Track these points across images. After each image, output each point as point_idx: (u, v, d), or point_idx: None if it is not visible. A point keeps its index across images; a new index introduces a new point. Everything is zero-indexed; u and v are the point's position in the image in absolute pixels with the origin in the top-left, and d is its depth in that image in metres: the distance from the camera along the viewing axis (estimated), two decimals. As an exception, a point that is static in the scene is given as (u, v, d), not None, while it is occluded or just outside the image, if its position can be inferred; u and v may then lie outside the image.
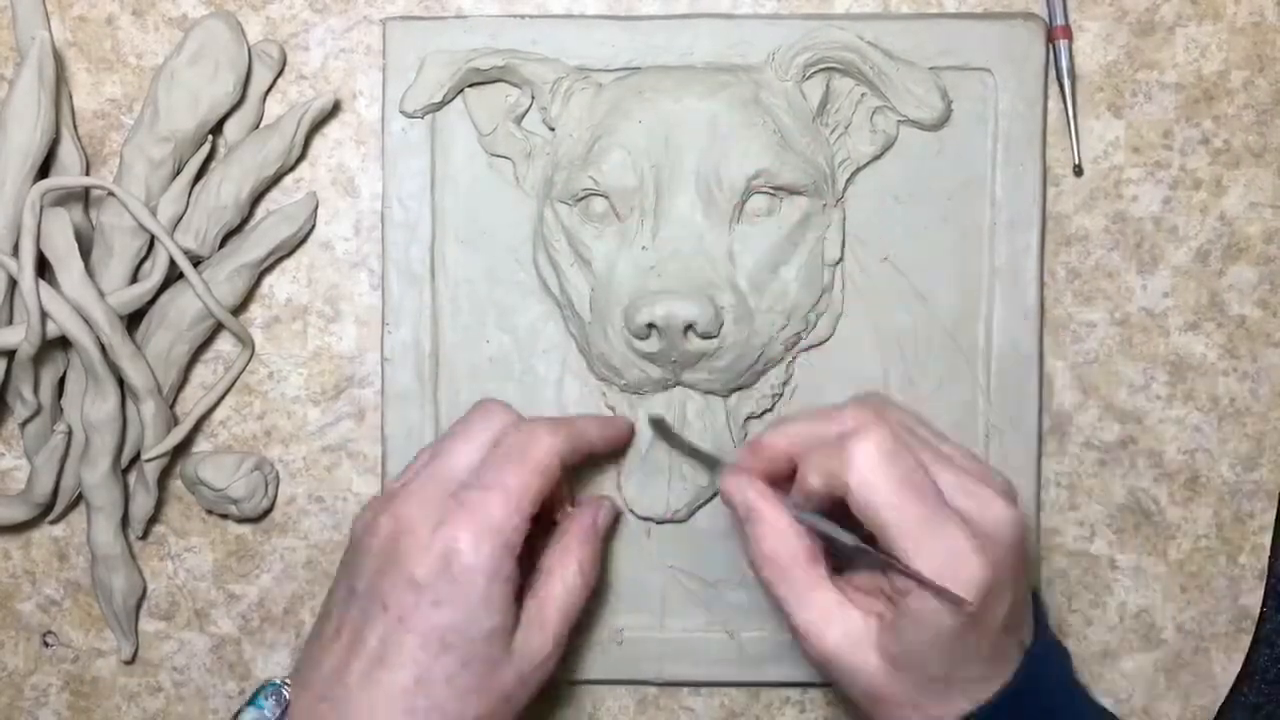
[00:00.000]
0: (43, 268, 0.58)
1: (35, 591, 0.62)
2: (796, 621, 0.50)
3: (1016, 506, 0.50)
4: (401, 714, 0.49)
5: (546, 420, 0.54)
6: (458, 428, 0.54)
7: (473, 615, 0.49)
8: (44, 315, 0.55)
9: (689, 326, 0.54)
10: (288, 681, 0.53)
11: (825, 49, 0.57)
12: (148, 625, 0.62)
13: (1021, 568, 0.50)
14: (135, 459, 0.60)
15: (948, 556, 0.47)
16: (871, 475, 0.48)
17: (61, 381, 0.60)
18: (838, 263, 0.59)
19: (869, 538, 0.49)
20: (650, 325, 0.54)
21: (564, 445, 0.52)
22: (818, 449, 0.50)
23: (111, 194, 0.56)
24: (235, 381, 0.61)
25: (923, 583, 0.47)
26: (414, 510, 0.51)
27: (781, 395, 0.59)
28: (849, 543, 0.50)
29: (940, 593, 0.47)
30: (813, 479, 0.50)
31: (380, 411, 0.60)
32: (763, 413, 0.59)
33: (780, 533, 0.51)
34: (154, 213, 0.58)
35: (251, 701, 0.53)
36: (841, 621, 0.50)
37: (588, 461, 0.57)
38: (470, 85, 0.59)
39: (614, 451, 0.58)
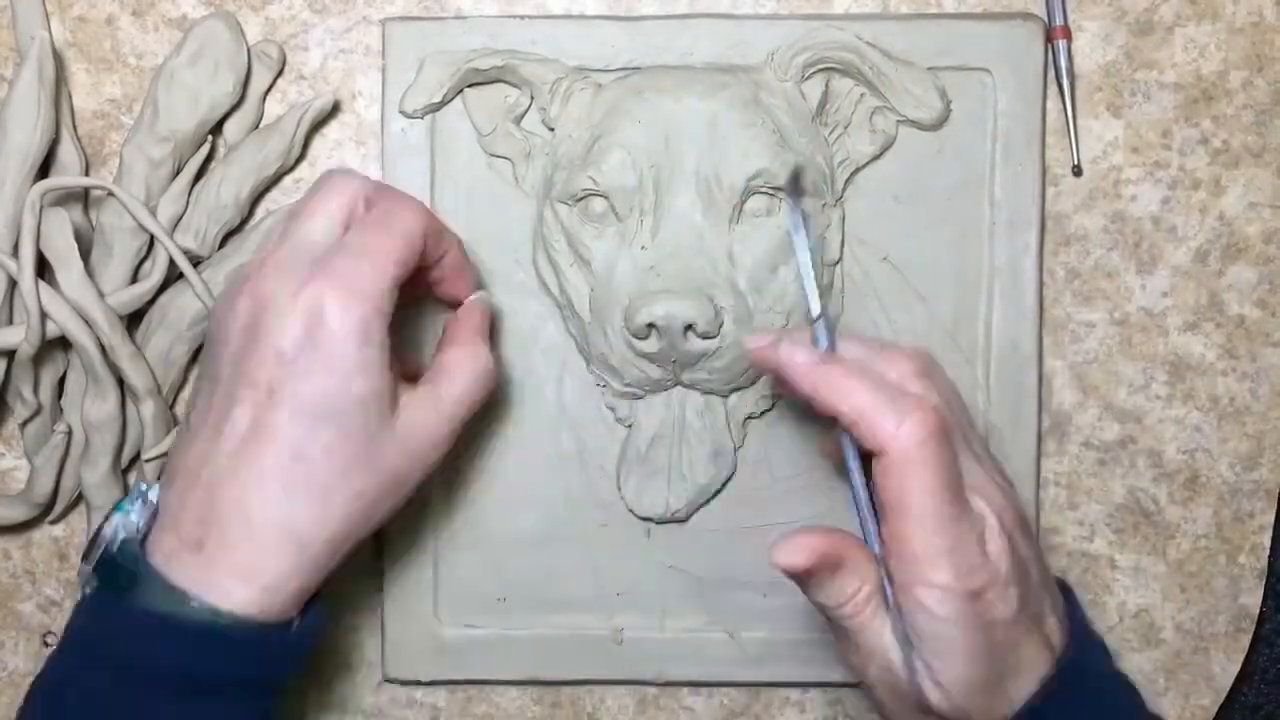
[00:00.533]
0: (42, 268, 0.58)
1: (35, 591, 0.62)
2: (862, 647, 0.49)
3: (1018, 497, 0.50)
4: (278, 490, 0.47)
5: (406, 194, 0.52)
6: (309, 199, 0.51)
7: (346, 382, 0.47)
8: (44, 315, 0.55)
9: (689, 326, 0.54)
10: (144, 486, 0.50)
11: (824, 49, 0.57)
12: (148, 625, 0.62)
13: (1030, 561, 0.49)
14: (135, 459, 0.60)
15: (960, 563, 0.46)
16: (919, 455, 0.46)
17: (61, 381, 0.60)
18: (837, 262, 0.59)
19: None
20: (650, 325, 0.55)
21: (428, 221, 0.51)
22: (870, 404, 0.46)
23: (111, 194, 0.56)
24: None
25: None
26: (273, 284, 0.48)
27: (781, 395, 0.59)
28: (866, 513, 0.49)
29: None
30: (858, 427, 0.47)
31: (380, 411, 0.60)
32: (762, 412, 0.59)
33: (866, 573, 0.49)
34: (154, 213, 0.58)
35: (117, 507, 0.49)
36: (894, 652, 0.48)
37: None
38: (470, 85, 0.59)
39: (447, 278, 0.54)
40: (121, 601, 0.47)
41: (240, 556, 0.47)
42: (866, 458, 0.48)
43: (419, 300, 0.56)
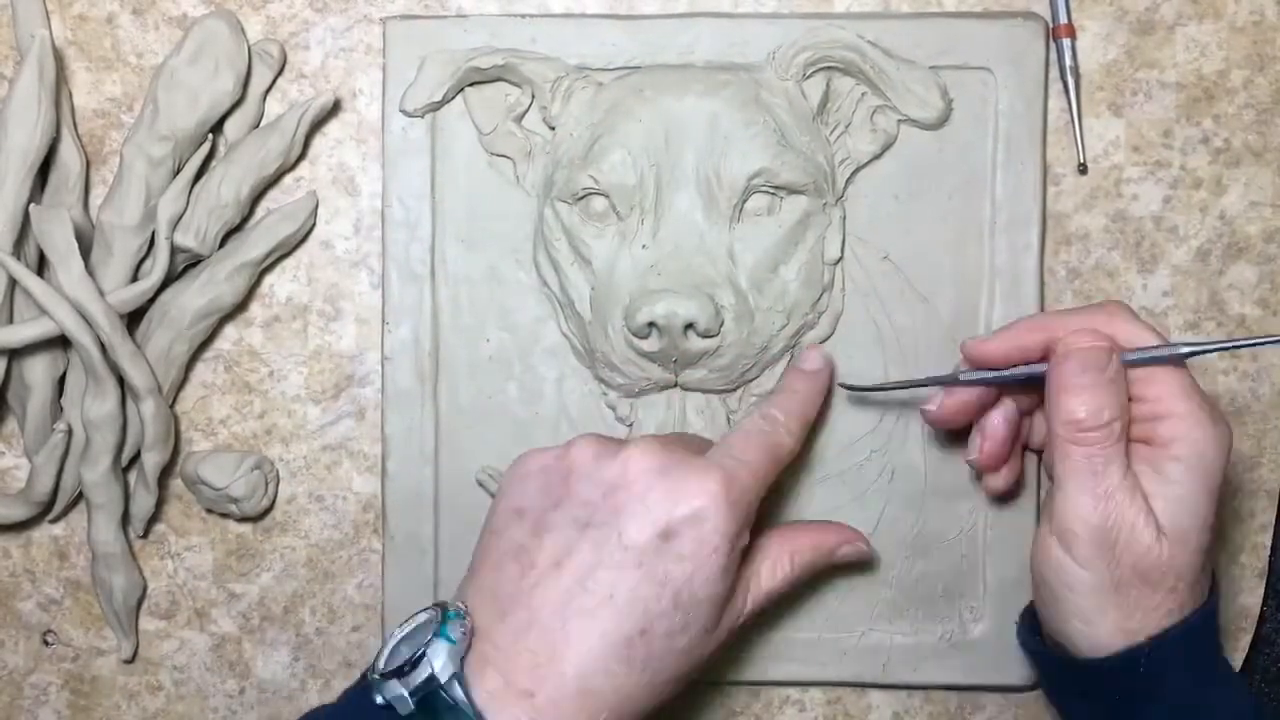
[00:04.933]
0: (42, 266, 0.58)
1: (35, 590, 0.62)
2: (1106, 488, 0.50)
3: None
4: (619, 662, 0.47)
5: (788, 416, 0.54)
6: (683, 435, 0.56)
7: (709, 580, 0.48)
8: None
9: (689, 325, 0.54)
10: (464, 608, 0.49)
11: (825, 48, 0.57)
12: (148, 624, 0.62)
13: None
14: (135, 458, 0.60)
15: (1214, 411, 0.51)
16: (1141, 328, 0.51)
17: (61, 381, 0.60)
18: (838, 261, 0.59)
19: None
20: (651, 324, 0.55)
21: (796, 445, 0.54)
22: (1072, 315, 0.53)
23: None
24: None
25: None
26: (670, 459, 0.49)
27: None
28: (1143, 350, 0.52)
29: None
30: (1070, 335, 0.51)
31: (380, 410, 0.60)
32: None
33: (1124, 406, 0.51)
34: (154, 211, 0.58)
35: (439, 633, 0.47)
36: (1137, 497, 0.50)
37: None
38: (470, 84, 0.59)
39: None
40: None
41: (567, 718, 0.47)
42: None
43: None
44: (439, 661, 0.47)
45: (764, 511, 0.53)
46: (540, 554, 0.49)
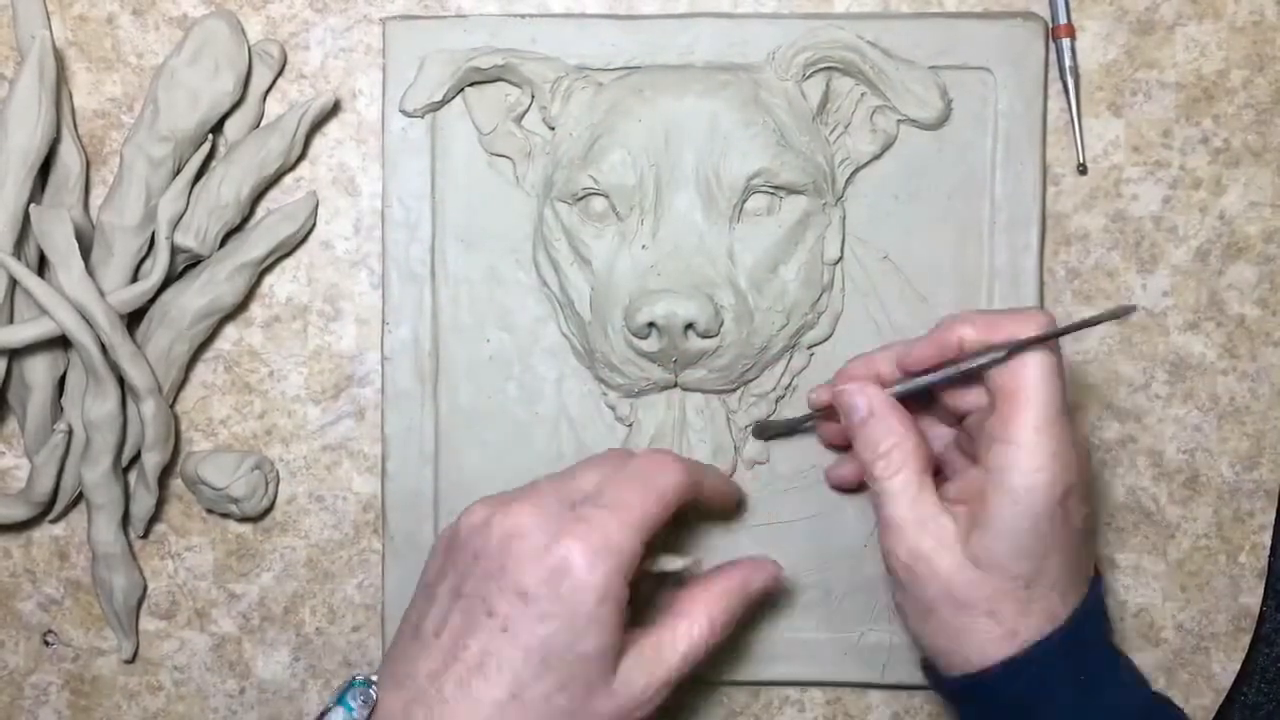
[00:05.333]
0: (42, 266, 0.58)
1: (35, 590, 0.62)
2: (894, 517, 0.51)
3: None
4: None
5: (671, 454, 0.53)
6: (590, 458, 0.54)
7: (578, 634, 0.48)
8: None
9: (689, 325, 0.54)
10: (373, 680, 0.51)
11: (825, 48, 0.57)
12: (148, 624, 0.62)
13: (1088, 516, 0.52)
14: (136, 458, 0.60)
15: (1063, 449, 0.49)
16: (1047, 367, 0.50)
17: (61, 381, 0.60)
18: (837, 261, 0.59)
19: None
20: (650, 324, 0.55)
21: (688, 479, 0.52)
22: (999, 315, 0.52)
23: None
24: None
25: (1084, 325, 0.50)
26: (530, 518, 0.49)
27: (782, 395, 0.59)
28: (950, 373, 0.51)
29: (1109, 314, 0.50)
30: (972, 333, 0.51)
31: (380, 410, 0.60)
32: (766, 415, 0.59)
33: (901, 434, 0.51)
34: (155, 211, 0.58)
35: (339, 700, 0.50)
36: (935, 523, 0.50)
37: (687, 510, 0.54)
38: (470, 84, 0.59)
39: (715, 509, 0.57)
40: None
41: None
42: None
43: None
44: None
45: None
46: (427, 624, 0.50)
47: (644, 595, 0.52)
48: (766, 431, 0.59)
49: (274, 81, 0.60)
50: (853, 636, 0.60)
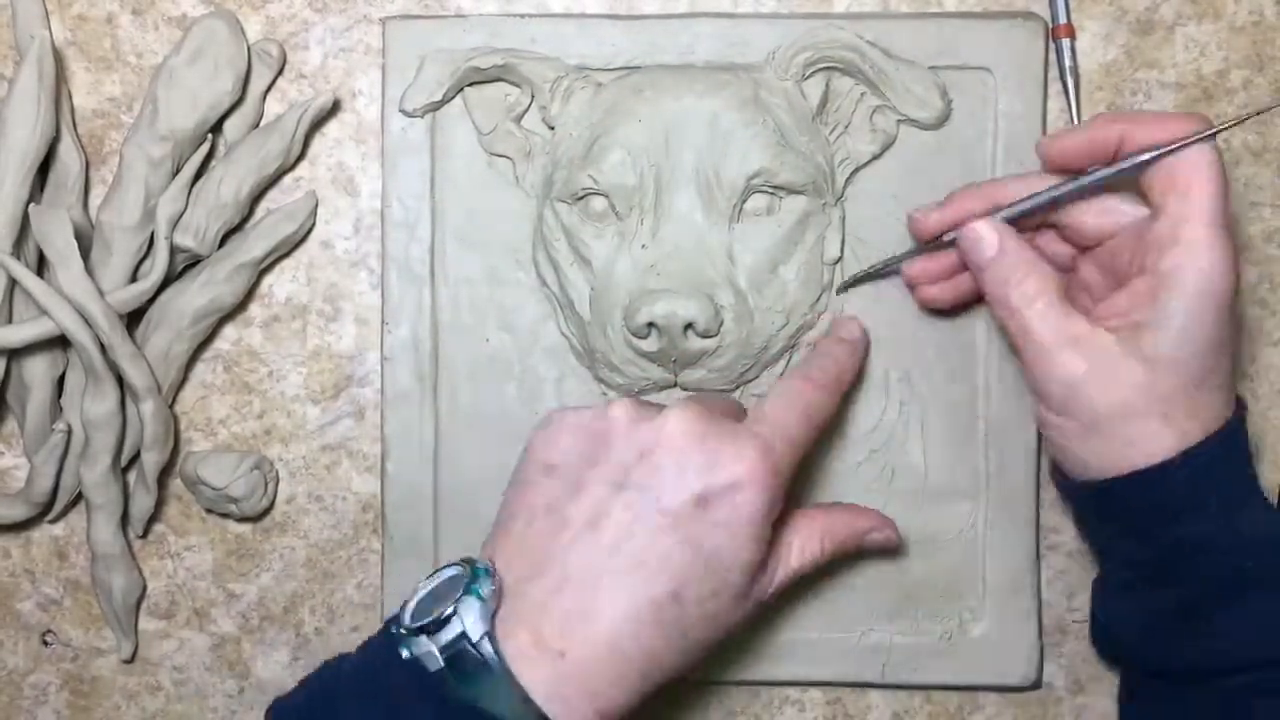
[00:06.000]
0: (42, 266, 0.58)
1: (35, 590, 0.62)
2: (1046, 344, 0.51)
3: None
4: (652, 626, 0.47)
5: (818, 378, 0.54)
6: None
7: (742, 547, 0.48)
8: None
9: (689, 325, 0.54)
10: (492, 565, 0.48)
11: (825, 48, 0.57)
12: (147, 624, 0.62)
13: None
14: (135, 458, 0.60)
15: (1230, 244, 0.49)
16: (1216, 163, 0.50)
17: (61, 381, 0.60)
18: (837, 261, 0.59)
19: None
20: (650, 324, 0.55)
21: (831, 408, 0.53)
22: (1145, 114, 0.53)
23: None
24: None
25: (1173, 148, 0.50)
26: (706, 426, 0.49)
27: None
28: (1121, 167, 0.51)
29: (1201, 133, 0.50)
30: (1133, 130, 0.51)
31: (380, 411, 0.60)
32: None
33: (1029, 265, 0.51)
34: (154, 211, 0.58)
35: (469, 589, 0.47)
36: (1092, 340, 0.50)
37: None
38: (470, 84, 0.59)
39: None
40: (463, 692, 0.46)
41: (599, 682, 0.47)
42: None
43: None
44: (470, 619, 0.46)
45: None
46: (575, 512, 0.48)
47: None
48: (851, 285, 0.58)
49: (273, 81, 0.60)
50: (853, 636, 0.60)
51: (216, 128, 0.60)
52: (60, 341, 0.58)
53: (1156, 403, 0.50)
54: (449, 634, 0.46)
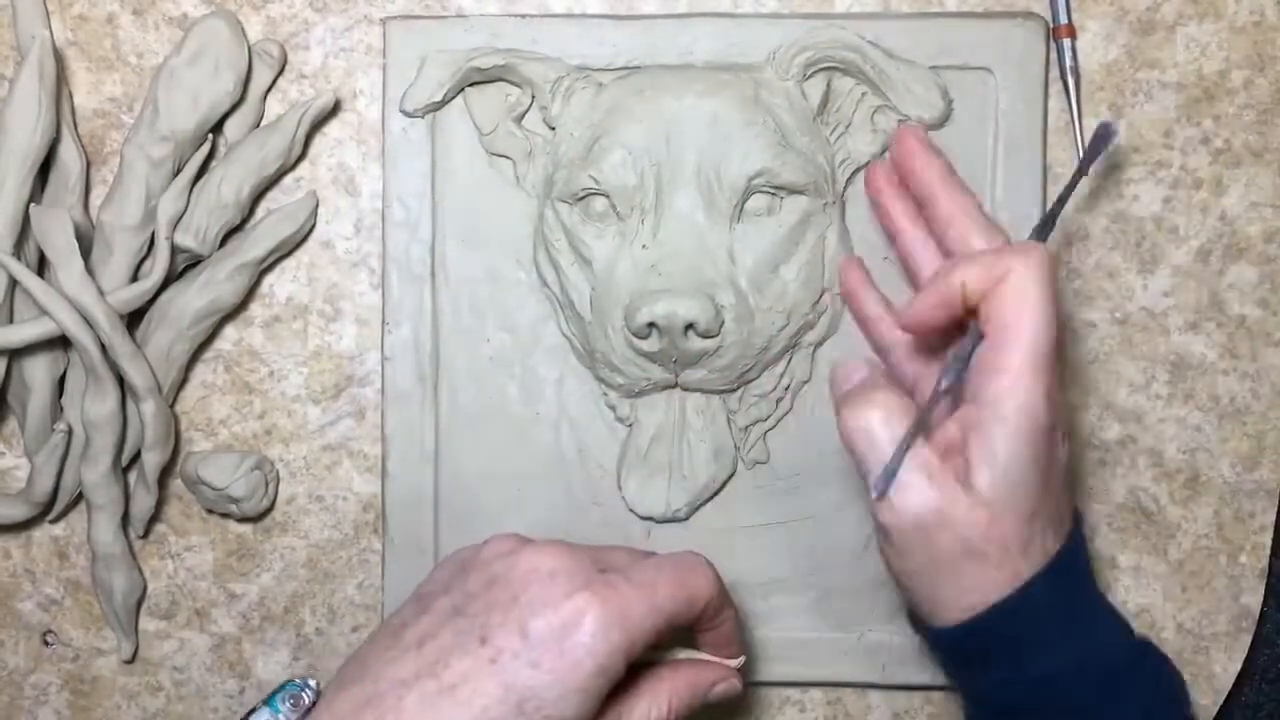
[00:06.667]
0: (42, 266, 0.58)
1: (35, 590, 0.62)
2: (897, 480, 0.49)
3: None
4: None
5: (704, 558, 0.51)
6: (620, 546, 0.54)
7: (563, 696, 0.46)
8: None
9: (689, 326, 0.54)
10: (310, 683, 0.50)
11: (826, 48, 0.57)
12: (148, 624, 0.62)
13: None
14: (135, 458, 0.60)
15: (1049, 383, 0.49)
16: (1040, 277, 0.49)
17: (61, 381, 0.60)
18: (838, 262, 0.59)
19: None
20: (651, 324, 0.55)
21: (718, 590, 0.51)
22: (996, 247, 0.52)
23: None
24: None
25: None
26: (559, 562, 0.48)
27: (782, 395, 0.59)
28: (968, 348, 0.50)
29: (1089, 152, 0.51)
30: (960, 277, 0.50)
31: (380, 411, 0.60)
32: (767, 416, 0.59)
33: (871, 404, 0.50)
34: (155, 211, 0.58)
35: (268, 702, 0.50)
36: (939, 475, 0.49)
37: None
38: (470, 85, 0.59)
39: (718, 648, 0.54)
40: None
41: None
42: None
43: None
44: None
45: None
46: (409, 633, 0.49)
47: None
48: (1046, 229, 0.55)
49: (274, 81, 0.60)
50: (853, 636, 0.60)
51: (217, 128, 0.60)
52: (60, 341, 0.58)
53: (995, 540, 0.48)
54: None
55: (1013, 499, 0.49)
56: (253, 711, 0.50)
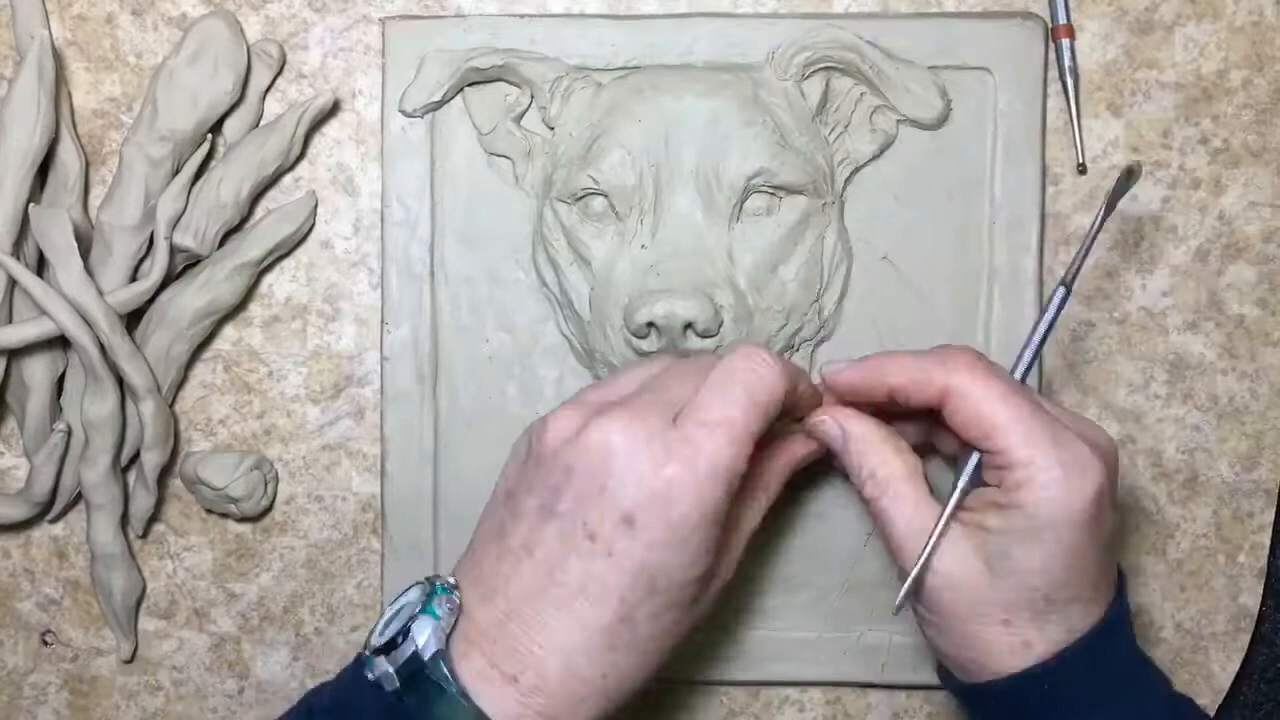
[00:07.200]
0: (42, 266, 0.58)
1: (35, 590, 0.62)
2: (896, 535, 0.50)
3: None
4: (603, 648, 0.46)
5: (763, 352, 0.49)
6: (672, 365, 0.51)
7: (687, 560, 0.46)
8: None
9: (688, 325, 0.54)
10: (452, 584, 0.48)
11: (825, 48, 0.57)
12: (147, 624, 0.62)
13: (1115, 501, 0.50)
14: (135, 458, 0.60)
15: (1070, 456, 0.47)
16: (980, 376, 0.48)
17: (61, 381, 0.60)
18: (837, 262, 0.59)
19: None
20: (650, 324, 0.54)
21: (787, 383, 0.49)
22: (913, 362, 0.50)
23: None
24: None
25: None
26: (631, 433, 0.46)
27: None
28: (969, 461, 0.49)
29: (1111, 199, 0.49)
30: (909, 386, 0.49)
31: (379, 411, 0.60)
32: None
33: (878, 448, 0.50)
34: (154, 211, 0.58)
35: (425, 609, 0.46)
36: (947, 535, 0.49)
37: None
38: (470, 84, 0.59)
39: (803, 413, 0.53)
40: (420, 713, 0.45)
41: (557, 702, 0.46)
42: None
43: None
44: (423, 638, 0.46)
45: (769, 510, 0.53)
46: (514, 539, 0.47)
47: None
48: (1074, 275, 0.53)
49: (273, 81, 0.60)
50: (852, 636, 0.60)
51: (216, 128, 0.60)
52: (60, 341, 0.58)
53: (998, 609, 0.48)
54: (404, 653, 0.46)
55: (1024, 577, 0.48)
56: (412, 621, 0.46)
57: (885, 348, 0.59)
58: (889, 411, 0.53)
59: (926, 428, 0.55)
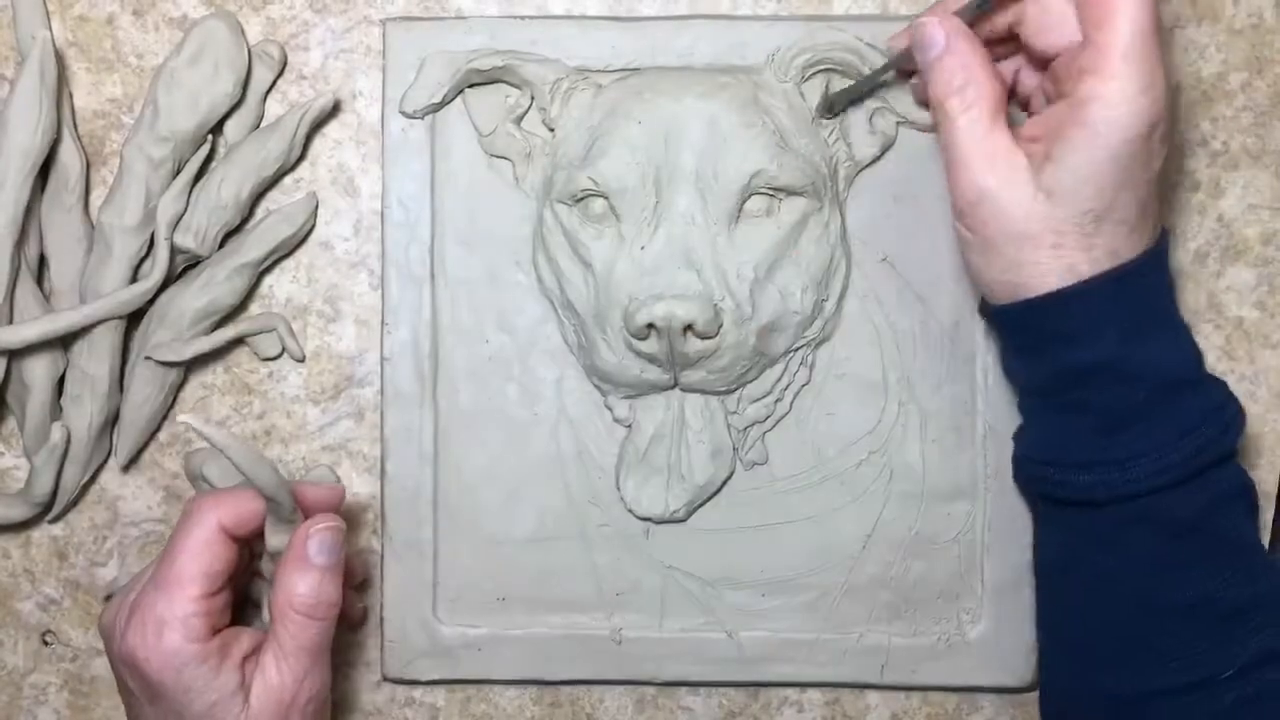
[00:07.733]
0: (42, 266, 0.58)
1: (35, 590, 0.62)
2: (963, 153, 0.50)
3: None
4: None
5: (212, 494, 0.54)
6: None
7: (192, 698, 0.51)
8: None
9: (688, 327, 0.55)
10: None
11: (824, 50, 0.57)
12: (147, 624, 0.62)
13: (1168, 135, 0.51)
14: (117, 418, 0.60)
15: (1149, 79, 0.48)
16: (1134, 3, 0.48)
17: (61, 380, 0.60)
18: (837, 263, 0.59)
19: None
20: (649, 326, 0.55)
21: (225, 516, 0.52)
22: None
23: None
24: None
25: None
26: (108, 618, 0.53)
27: (781, 396, 0.59)
28: None
29: None
30: None
31: (380, 411, 0.60)
32: (765, 418, 0.59)
33: (977, 70, 0.50)
34: (154, 212, 0.58)
35: None
36: (1006, 159, 0.50)
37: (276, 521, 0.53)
38: (470, 86, 0.59)
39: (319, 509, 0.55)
40: None
41: None
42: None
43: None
44: None
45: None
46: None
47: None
48: (836, 105, 0.57)
49: (274, 82, 0.60)
50: (852, 637, 0.60)
51: (217, 129, 0.60)
52: (60, 341, 0.58)
53: (1049, 233, 0.49)
54: None
55: (1078, 196, 0.49)
56: None
57: (885, 348, 0.59)
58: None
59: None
